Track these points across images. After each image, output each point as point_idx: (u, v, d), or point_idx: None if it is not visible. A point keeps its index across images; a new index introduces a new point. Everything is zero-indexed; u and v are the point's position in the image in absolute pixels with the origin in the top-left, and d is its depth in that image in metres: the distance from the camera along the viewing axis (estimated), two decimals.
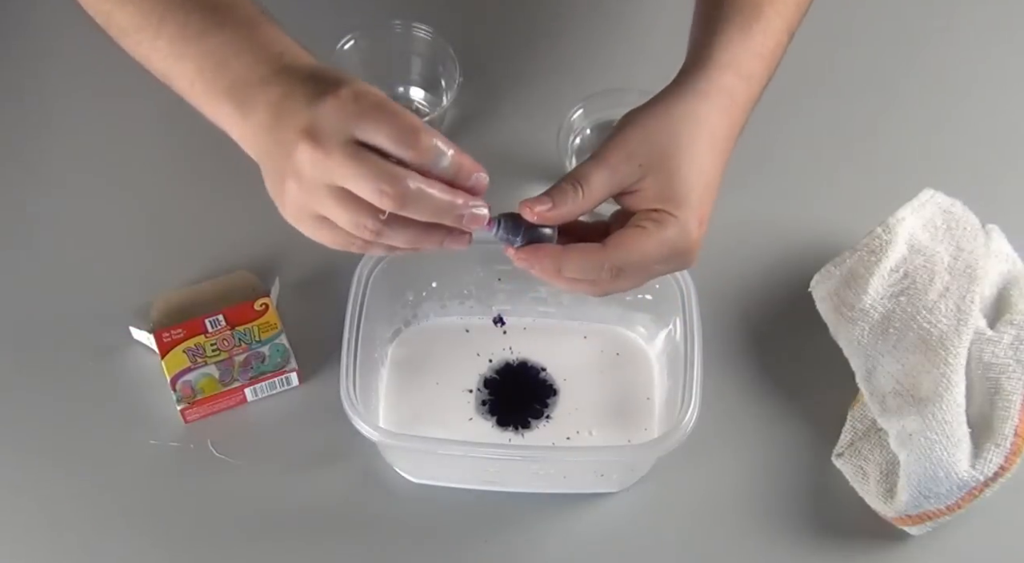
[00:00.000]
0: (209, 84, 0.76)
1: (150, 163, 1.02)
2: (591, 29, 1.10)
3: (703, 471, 0.89)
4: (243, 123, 0.75)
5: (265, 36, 0.77)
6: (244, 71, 0.75)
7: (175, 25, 0.78)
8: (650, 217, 0.75)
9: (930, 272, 0.89)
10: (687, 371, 0.83)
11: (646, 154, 0.76)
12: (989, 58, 1.09)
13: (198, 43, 0.77)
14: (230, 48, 0.76)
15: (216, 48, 0.76)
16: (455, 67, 1.00)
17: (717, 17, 0.82)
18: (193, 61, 0.77)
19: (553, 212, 0.75)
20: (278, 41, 0.76)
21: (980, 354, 0.87)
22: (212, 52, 0.76)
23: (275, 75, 0.74)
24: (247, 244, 0.98)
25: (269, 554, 0.87)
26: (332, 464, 0.89)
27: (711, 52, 0.80)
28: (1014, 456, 0.84)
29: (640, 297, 0.91)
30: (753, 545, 0.87)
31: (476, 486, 0.88)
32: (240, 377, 0.91)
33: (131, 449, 0.90)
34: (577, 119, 0.97)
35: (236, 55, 0.76)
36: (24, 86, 1.06)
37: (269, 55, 0.75)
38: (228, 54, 0.76)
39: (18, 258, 0.98)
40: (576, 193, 0.75)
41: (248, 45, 0.76)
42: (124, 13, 0.80)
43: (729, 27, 0.81)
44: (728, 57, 0.80)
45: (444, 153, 0.71)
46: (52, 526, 0.87)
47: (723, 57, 0.80)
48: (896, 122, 1.04)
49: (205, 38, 0.77)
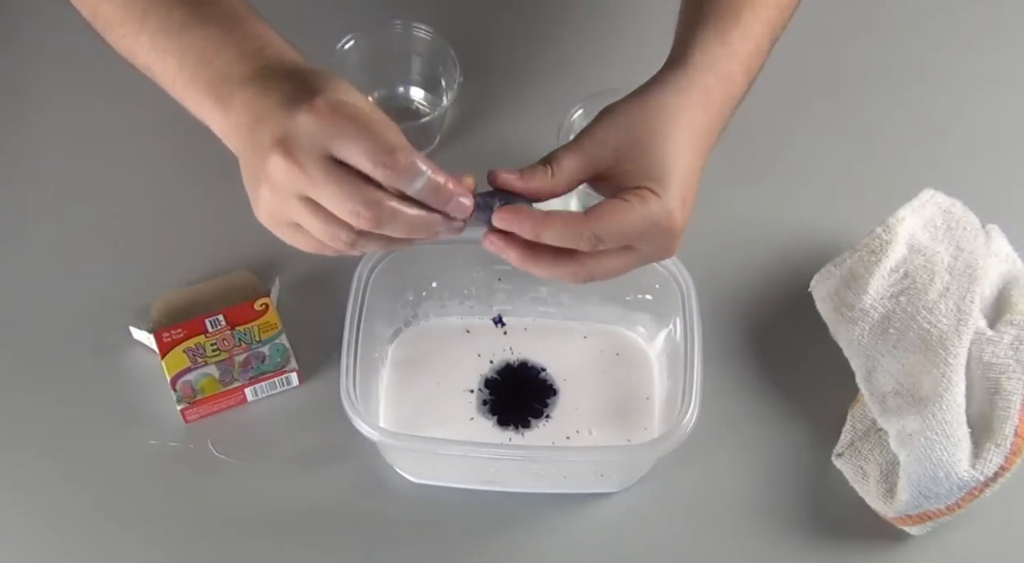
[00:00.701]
0: (190, 79, 0.76)
1: (150, 163, 1.02)
2: (591, 29, 1.10)
3: (703, 471, 0.89)
4: (223, 120, 0.75)
5: (248, 31, 0.76)
6: (224, 67, 0.74)
7: (158, 19, 0.77)
8: (633, 192, 0.74)
9: (930, 272, 0.89)
10: (687, 371, 0.83)
11: (621, 139, 0.76)
12: (990, 58, 1.09)
13: (179, 38, 0.76)
14: (211, 44, 0.76)
15: (197, 43, 0.76)
16: (455, 67, 1.00)
17: (696, 19, 0.82)
18: (174, 56, 0.77)
19: (519, 183, 0.74)
20: (261, 36, 0.76)
21: (980, 354, 0.87)
22: (193, 47, 0.76)
23: (255, 73, 0.73)
24: (247, 244, 0.97)
25: (269, 554, 0.87)
26: (332, 464, 0.89)
27: (688, 51, 0.80)
28: (1014, 456, 0.84)
29: (640, 297, 0.91)
30: (753, 545, 0.87)
31: (476, 486, 0.88)
32: (240, 377, 0.91)
33: (131, 449, 0.90)
34: (577, 119, 0.97)
35: (217, 51, 0.75)
36: (23, 85, 1.06)
37: (250, 50, 0.75)
38: (209, 49, 0.75)
39: (18, 258, 0.98)
40: (546, 172, 0.75)
41: (230, 40, 0.75)
42: (110, 6, 0.80)
43: (706, 29, 0.81)
44: (706, 58, 0.80)
45: (421, 174, 0.69)
46: (52, 526, 0.87)
47: (700, 57, 0.80)
48: (896, 122, 1.04)
49: (187, 32, 0.76)
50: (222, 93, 0.74)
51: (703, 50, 0.80)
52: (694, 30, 0.82)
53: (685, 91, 0.78)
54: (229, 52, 0.75)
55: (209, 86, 0.75)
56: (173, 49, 0.77)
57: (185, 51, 0.76)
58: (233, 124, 0.74)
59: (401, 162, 0.69)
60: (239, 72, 0.74)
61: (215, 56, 0.75)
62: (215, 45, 0.75)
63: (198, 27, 0.76)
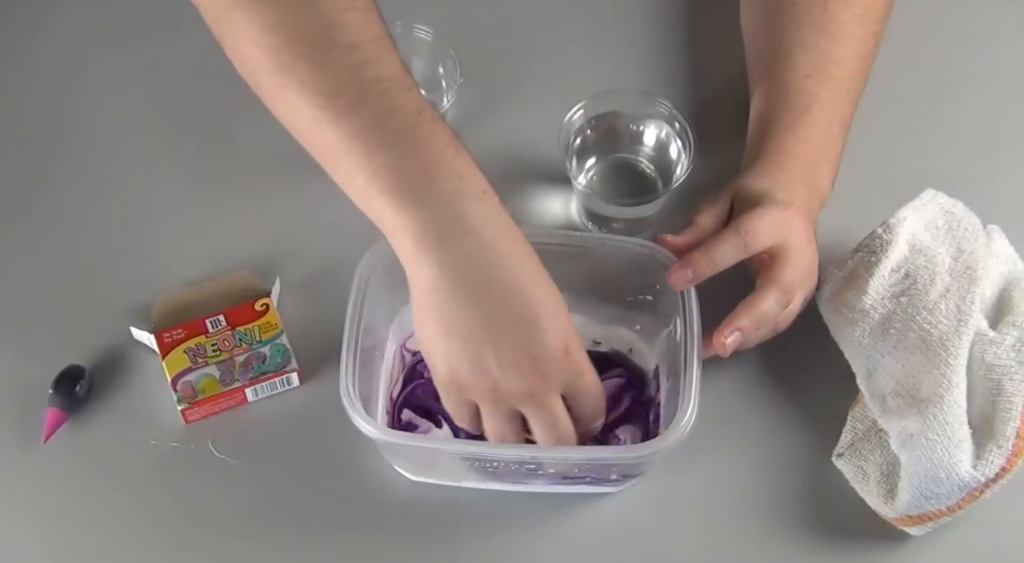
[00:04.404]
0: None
1: (150, 163, 1.02)
2: (591, 29, 1.10)
3: (703, 471, 0.89)
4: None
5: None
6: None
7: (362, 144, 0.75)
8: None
9: (931, 273, 0.89)
10: (687, 371, 0.83)
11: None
12: (991, 58, 1.08)
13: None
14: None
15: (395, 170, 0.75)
16: (455, 67, 1.00)
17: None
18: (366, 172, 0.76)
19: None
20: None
21: (982, 355, 0.87)
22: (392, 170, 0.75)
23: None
24: (247, 244, 0.98)
25: (269, 554, 0.87)
26: (332, 464, 0.89)
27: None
28: (1015, 457, 0.84)
29: (640, 297, 0.91)
30: (753, 545, 0.87)
31: (476, 486, 0.88)
32: (241, 377, 0.91)
33: (131, 449, 0.90)
34: (577, 119, 0.97)
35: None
36: (24, 85, 1.06)
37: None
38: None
39: (19, 258, 0.98)
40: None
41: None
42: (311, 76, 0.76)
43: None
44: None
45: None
46: (52, 526, 0.88)
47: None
48: (898, 123, 1.04)
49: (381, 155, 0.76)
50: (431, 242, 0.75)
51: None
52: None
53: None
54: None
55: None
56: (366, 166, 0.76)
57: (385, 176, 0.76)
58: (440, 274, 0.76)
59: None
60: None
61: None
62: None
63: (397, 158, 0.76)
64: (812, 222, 0.89)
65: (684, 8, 1.10)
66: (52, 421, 0.89)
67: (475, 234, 0.74)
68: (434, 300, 0.76)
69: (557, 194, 1.00)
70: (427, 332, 0.77)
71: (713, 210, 0.89)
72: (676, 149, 0.97)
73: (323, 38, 0.74)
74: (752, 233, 0.85)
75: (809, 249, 0.88)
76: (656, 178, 0.99)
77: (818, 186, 0.91)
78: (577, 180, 0.96)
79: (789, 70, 0.94)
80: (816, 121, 0.92)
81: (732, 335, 0.85)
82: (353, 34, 0.75)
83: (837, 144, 0.94)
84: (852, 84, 0.95)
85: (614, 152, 1.00)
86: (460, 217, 0.74)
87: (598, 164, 0.99)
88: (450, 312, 0.75)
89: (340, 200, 0.78)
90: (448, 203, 0.74)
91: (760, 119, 0.94)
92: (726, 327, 0.85)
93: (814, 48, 0.94)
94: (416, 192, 0.74)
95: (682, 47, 1.08)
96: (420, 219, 0.74)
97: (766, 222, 0.86)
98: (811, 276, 0.89)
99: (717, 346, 0.86)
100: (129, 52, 1.07)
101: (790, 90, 0.93)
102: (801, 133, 0.91)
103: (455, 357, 0.76)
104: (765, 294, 0.86)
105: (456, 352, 0.76)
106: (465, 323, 0.75)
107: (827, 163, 0.93)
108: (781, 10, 0.97)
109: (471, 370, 0.76)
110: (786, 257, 0.86)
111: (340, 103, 0.74)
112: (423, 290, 0.76)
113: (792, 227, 0.87)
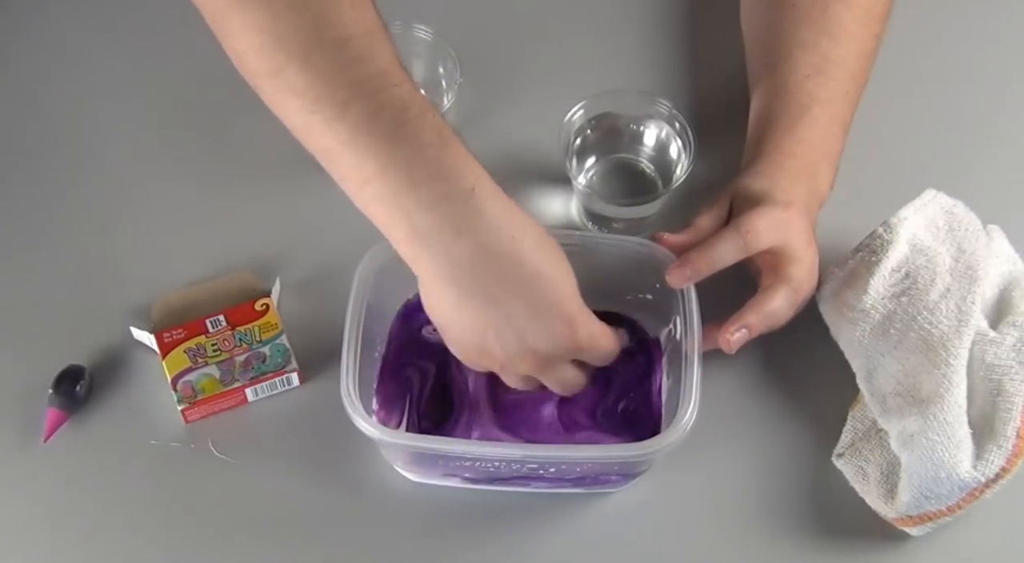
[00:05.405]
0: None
1: (150, 163, 1.02)
2: (591, 29, 1.10)
3: (703, 471, 0.89)
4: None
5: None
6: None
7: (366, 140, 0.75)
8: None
9: (931, 272, 0.89)
10: (687, 371, 0.83)
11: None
12: (991, 58, 1.08)
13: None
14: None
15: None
16: (455, 67, 1.00)
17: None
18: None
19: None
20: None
21: (983, 355, 0.87)
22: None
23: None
24: (247, 244, 0.98)
25: (269, 554, 0.87)
26: (332, 464, 0.89)
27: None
28: (1015, 457, 0.84)
29: (640, 297, 0.91)
30: (753, 545, 0.87)
31: (476, 485, 0.88)
32: (241, 377, 0.91)
33: (131, 449, 0.90)
34: (577, 119, 0.97)
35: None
36: (24, 85, 1.06)
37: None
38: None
39: (18, 259, 0.98)
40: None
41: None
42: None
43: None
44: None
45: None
46: (52, 526, 0.88)
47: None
48: (898, 122, 1.04)
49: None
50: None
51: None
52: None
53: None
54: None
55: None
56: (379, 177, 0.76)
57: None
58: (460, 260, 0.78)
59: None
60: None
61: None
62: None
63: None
64: (812, 222, 0.90)
65: (684, 8, 1.10)
66: (52, 421, 0.89)
67: (461, 236, 0.76)
68: (435, 298, 0.79)
69: (557, 194, 1.00)
70: (436, 320, 0.81)
71: (712, 211, 0.89)
72: (676, 149, 0.97)
73: (312, 36, 0.75)
74: (752, 233, 0.85)
75: (809, 249, 0.88)
76: (656, 178, 0.99)
77: (818, 186, 0.91)
78: (577, 180, 0.96)
79: (789, 70, 0.94)
80: (816, 121, 0.92)
81: (739, 332, 0.86)
82: (342, 30, 0.75)
83: (837, 144, 0.94)
84: (852, 85, 0.95)
85: (614, 152, 1.00)
86: (442, 225, 0.75)
87: (598, 164, 1.00)
88: (450, 309, 0.79)
89: (340, 200, 0.78)
90: (429, 210, 0.75)
91: (760, 119, 0.94)
92: (733, 324, 0.86)
93: (814, 48, 0.94)
94: (401, 198, 0.75)
95: (682, 47, 1.08)
96: (409, 224, 0.76)
97: (766, 222, 0.86)
98: (811, 276, 0.89)
99: (722, 342, 0.86)
100: (129, 52, 1.07)
101: (790, 90, 0.93)
102: (801, 133, 0.92)
103: (461, 346, 0.81)
104: (775, 293, 0.86)
105: (463, 341, 0.80)
106: (466, 319, 0.78)
107: (827, 163, 0.93)
108: (781, 10, 0.97)
109: (479, 356, 0.80)
110: (792, 256, 0.86)
111: (329, 105, 0.75)
112: (423, 284, 0.80)
113: (792, 227, 0.87)
